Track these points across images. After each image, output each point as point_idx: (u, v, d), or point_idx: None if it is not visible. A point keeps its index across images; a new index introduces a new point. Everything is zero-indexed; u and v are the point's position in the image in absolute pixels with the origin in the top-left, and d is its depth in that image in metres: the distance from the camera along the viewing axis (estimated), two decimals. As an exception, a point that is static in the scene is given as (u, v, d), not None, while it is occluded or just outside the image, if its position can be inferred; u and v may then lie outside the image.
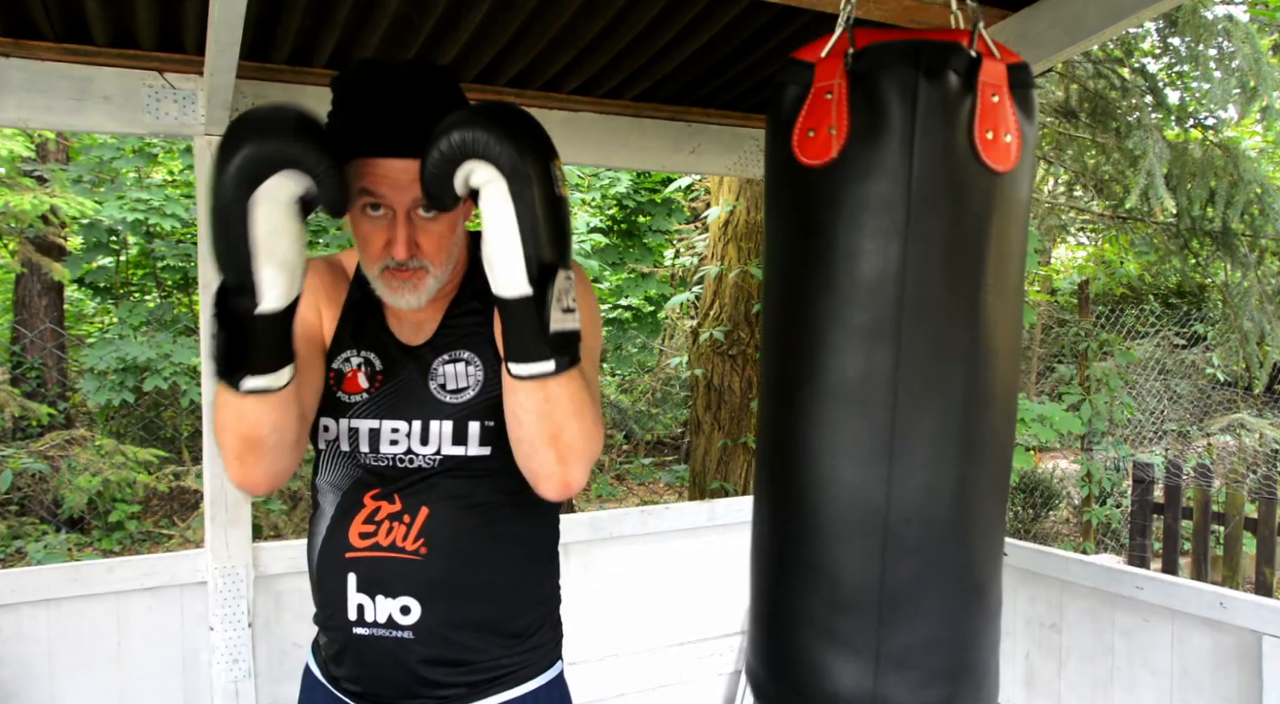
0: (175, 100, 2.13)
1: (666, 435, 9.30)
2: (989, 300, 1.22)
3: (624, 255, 7.83)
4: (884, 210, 1.18)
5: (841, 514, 1.21)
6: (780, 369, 1.28)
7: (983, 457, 1.24)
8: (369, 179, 1.11)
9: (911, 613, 1.21)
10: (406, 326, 1.26)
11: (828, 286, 1.21)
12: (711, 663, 2.94)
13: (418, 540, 1.18)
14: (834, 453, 1.21)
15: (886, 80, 1.17)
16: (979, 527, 1.25)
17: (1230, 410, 8.56)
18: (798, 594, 1.25)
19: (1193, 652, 2.10)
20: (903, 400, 1.18)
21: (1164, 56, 5.13)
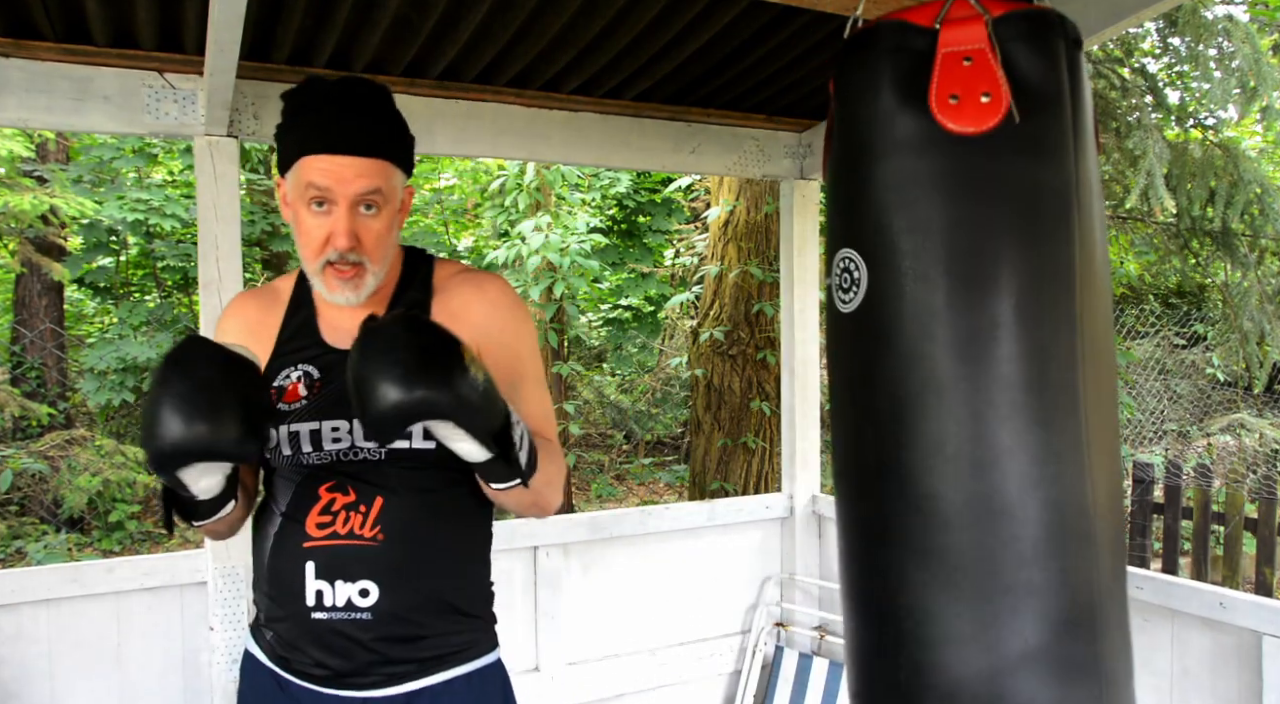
0: (175, 100, 2.13)
1: (666, 435, 9.30)
2: (1106, 281, 1.16)
3: (624, 255, 7.83)
4: (1059, 184, 1.07)
5: (1045, 522, 1.07)
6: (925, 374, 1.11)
7: (1115, 445, 1.16)
8: (317, 174, 1.22)
9: (1113, 621, 1.11)
10: (343, 333, 1.32)
11: (1003, 268, 1.07)
12: (711, 663, 2.94)
13: (374, 527, 1.25)
14: (1026, 452, 1.08)
15: (1040, 49, 1.08)
16: (1118, 523, 1.16)
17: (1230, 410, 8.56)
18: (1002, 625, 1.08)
19: (1193, 652, 2.09)
20: (1086, 390, 1.07)
21: (1164, 56, 5.13)
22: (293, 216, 1.28)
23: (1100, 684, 1.07)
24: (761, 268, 5.30)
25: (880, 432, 1.15)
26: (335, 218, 1.23)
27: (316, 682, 1.29)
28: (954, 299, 1.08)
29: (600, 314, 9.48)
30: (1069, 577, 1.07)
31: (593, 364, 10.01)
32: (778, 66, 2.47)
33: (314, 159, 1.23)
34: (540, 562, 2.67)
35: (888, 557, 1.14)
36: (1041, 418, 1.07)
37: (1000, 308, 1.07)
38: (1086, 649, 1.07)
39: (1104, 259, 1.14)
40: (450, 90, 2.42)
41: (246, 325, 1.38)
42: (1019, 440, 1.07)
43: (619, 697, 2.80)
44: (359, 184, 1.23)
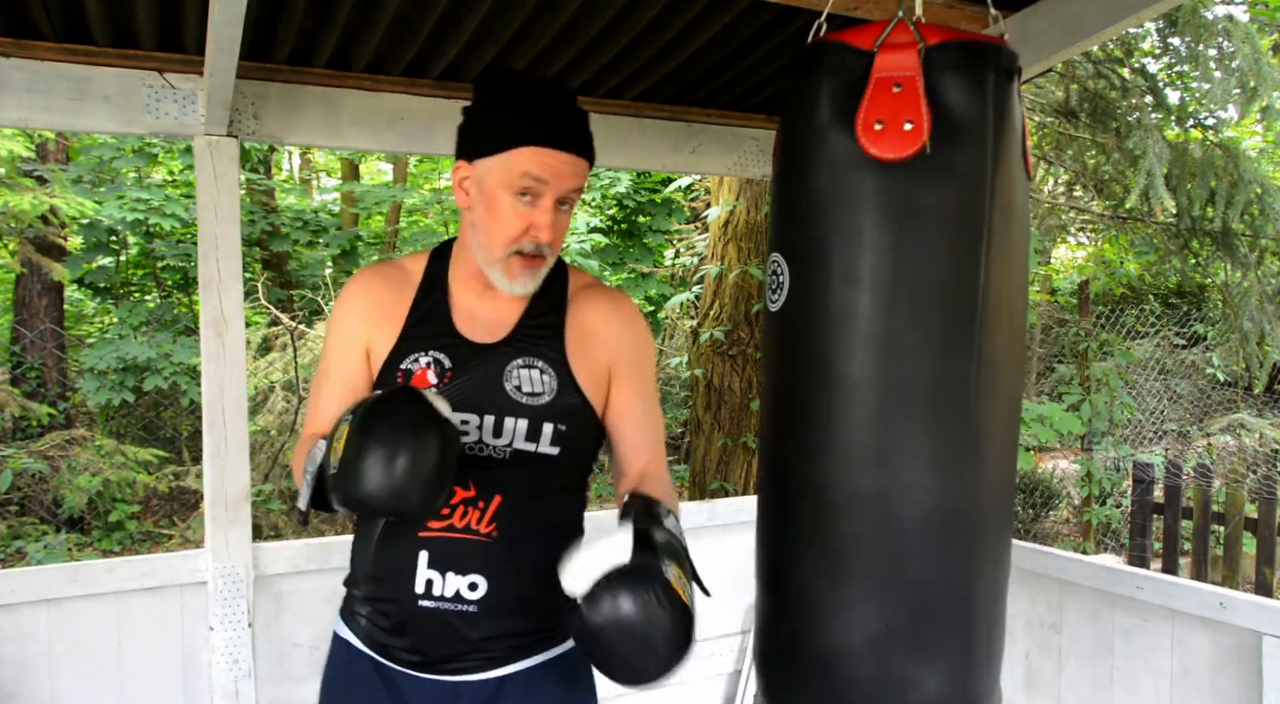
0: (175, 100, 2.13)
1: (667, 435, 9.30)
2: (1023, 304, 1.24)
3: (624, 255, 7.84)
4: (971, 212, 1.14)
5: (906, 519, 1.18)
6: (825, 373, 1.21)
7: (1010, 455, 1.26)
8: (537, 166, 1.26)
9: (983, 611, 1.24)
10: (479, 326, 1.36)
11: (907, 286, 1.15)
12: (711, 663, 2.94)
13: (490, 524, 1.30)
14: (902, 456, 1.18)
15: (968, 80, 1.13)
16: (1008, 522, 1.28)
17: (1230, 410, 8.56)
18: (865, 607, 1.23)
19: (1193, 652, 2.09)
20: (969, 403, 1.16)
21: (1164, 56, 5.13)
22: (481, 200, 1.30)
23: (960, 663, 1.19)
24: (761, 268, 5.30)
25: (785, 423, 1.28)
26: (541, 210, 1.28)
27: (412, 666, 1.34)
28: (858, 309, 1.18)
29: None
30: (940, 570, 1.18)
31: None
32: (778, 66, 2.48)
33: (537, 151, 1.26)
34: (540, 562, 2.67)
35: (784, 537, 1.29)
36: (928, 424, 1.17)
37: (900, 321, 1.16)
38: (951, 636, 1.19)
39: (1019, 283, 1.21)
40: (450, 90, 2.42)
41: (374, 301, 1.38)
42: (904, 443, 1.17)
43: (619, 697, 2.79)
44: (572, 182, 1.29)
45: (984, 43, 1.17)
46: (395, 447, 1.06)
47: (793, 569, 1.28)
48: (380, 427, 1.08)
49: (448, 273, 1.40)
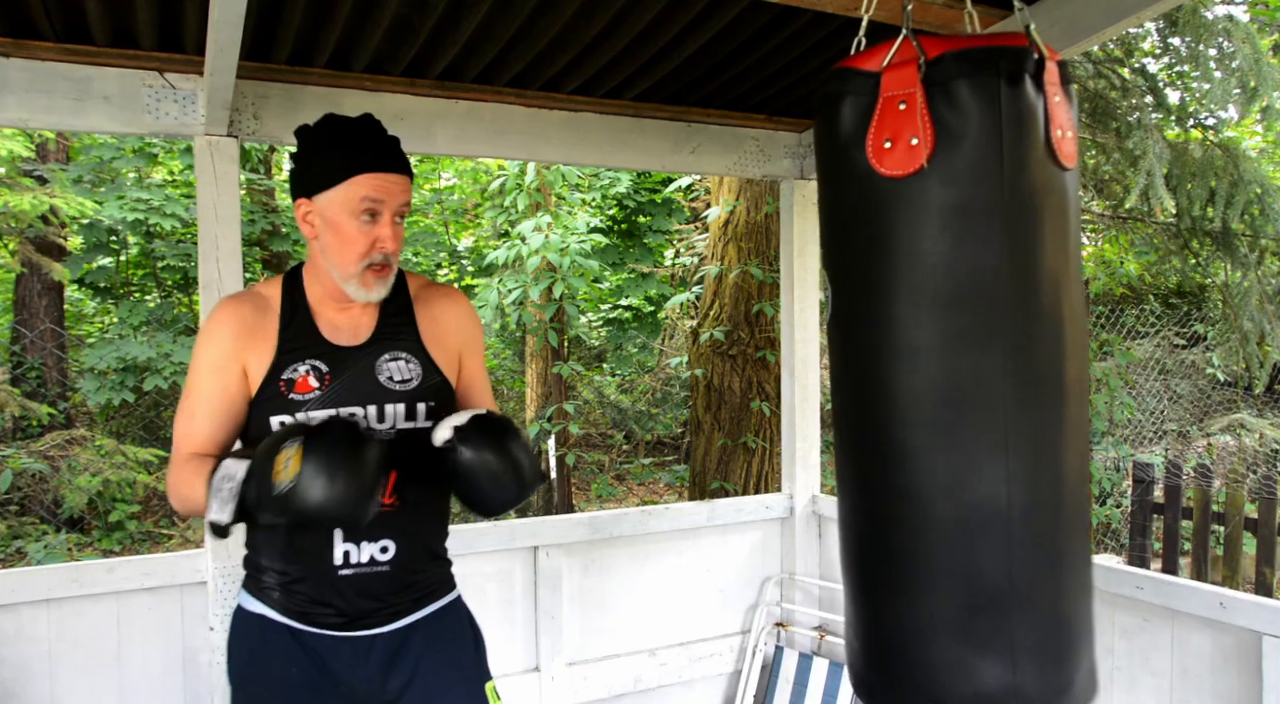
0: (175, 100, 2.13)
1: (666, 435, 9.30)
2: (1071, 293, 1.25)
3: (624, 255, 7.83)
4: (983, 215, 1.18)
5: (965, 515, 1.23)
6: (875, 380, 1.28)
7: (1077, 446, 1.28)
8: (371, 189, 1.46)
9: (1038, 603, 1.25)
10: (344, 333, 1.56)
11: (928, 294, 1.21)
12: (711, 663, 2.94)
13: (392, 496, 1.51)
14: (950, 456, 1.23)
15: (969, 88, 1.18)
16: (1077, 515, 1.29)
17: (1230, 410, 8.56)
18: (921, 600, 1.27)
19: (1193, 652, 2.10)
20: (1011, 399, 1.20)
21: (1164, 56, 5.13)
22: (327, 229, 1.49)
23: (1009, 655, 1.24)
24: (761, 268, 5.30)
25: (841, 434, 1.37)
26: (382, 225, 1.48)
27: (331, 627, 1.53)
28: (886, 318, 1.25)
29: (600, 314, 9.48)
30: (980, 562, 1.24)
31: (593, 364, 10.01)
32: (778, 66, 2.48)
33: (368, 176, 1.46)
34: (540, 562, 2.67)
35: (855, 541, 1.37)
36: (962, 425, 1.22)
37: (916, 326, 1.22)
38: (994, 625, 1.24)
39: (1055, 270, 1.24)
40: (450, 90, 2.42)
41: (245, 326, 1.53)
42: (940, 445, 1.23)
43: (619, 697, 2.80)
44: (402, 197, 1.50)
45: (984, 48, 1.20)
46: (349, 466, 1.26)
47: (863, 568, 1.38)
48: (334, 450, 1.27)
49: (305, 294, 1.57)
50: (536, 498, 7.33)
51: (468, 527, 2.60)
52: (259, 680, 1.55)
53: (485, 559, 2.61)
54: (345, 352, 1.53)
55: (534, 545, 2.66)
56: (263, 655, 1.55)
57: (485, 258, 7.35)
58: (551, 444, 6.89)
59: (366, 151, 1.48)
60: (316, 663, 1.53)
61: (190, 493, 1.41)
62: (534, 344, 7.21)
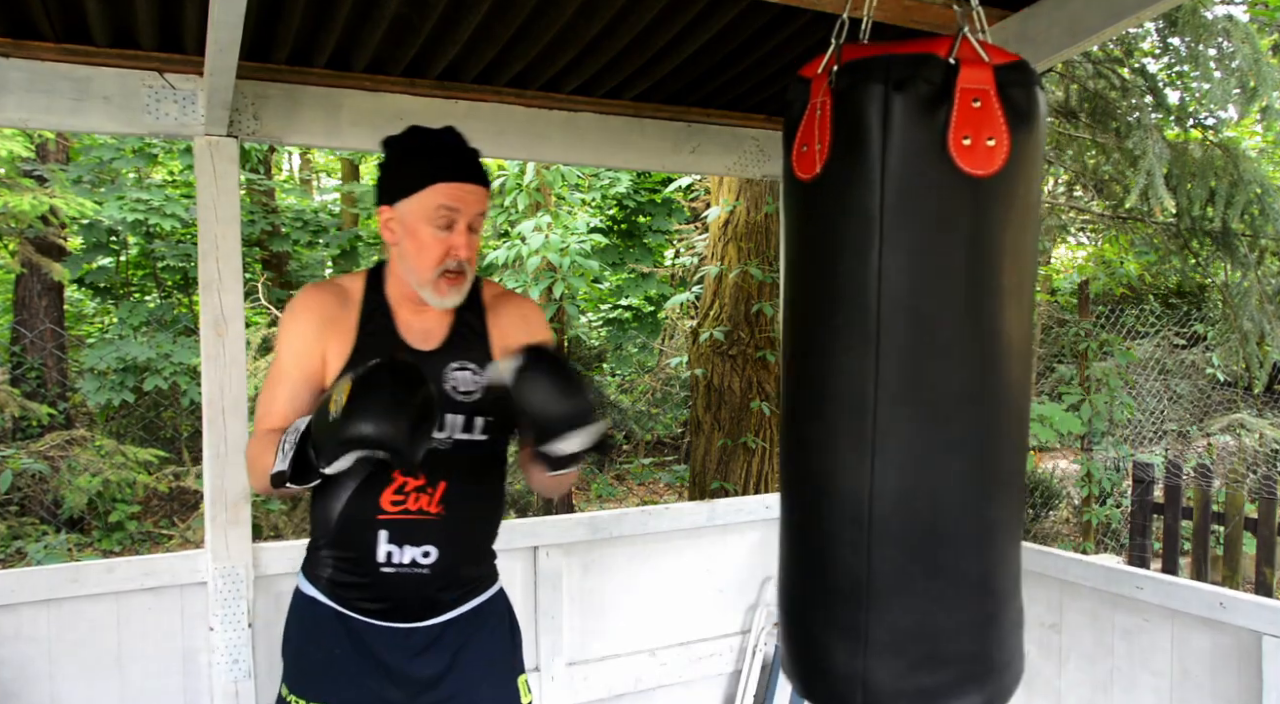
0: (175, 100, 2.13)
1: (666, 435, 9.30)
2: (978, 301, 1.24)
3: (624, 255, 7.83)
4: (860, 219, 1.23)
5: (834, 507, 1.29)
6: (789, 371, 1.36)
7: (969, 454, 1.27)
8: (448, 198, 1.52)
9: (897, 601, 1.28)
10: (416, 335, 1.61)
11: (818, 293, 1.29)
12: (711, 663, 2.94)
13: (439, 505, 1.57)
14: (826, 450, 1.30)
15: (861, 96, 1.22)
16: (966, 522, 1.29)
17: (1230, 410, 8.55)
18: (804, 580, 1.36)
19: (1193, 652, 2.10)
20: (882, 401, 1.24)
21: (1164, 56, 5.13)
22: (405, 235, 1.54)
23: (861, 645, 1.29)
24: (761, 268, 5.30)
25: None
26: (457, 234, 1.53)
27: (373, 616, 1.60)
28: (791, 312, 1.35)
29: (600, 314, 9.47)
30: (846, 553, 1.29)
31: (593, 364, 10.01)
32: (778, 66, 2.48)
33: (446, 185, 1.52)
34: (540, 562, 2.67)
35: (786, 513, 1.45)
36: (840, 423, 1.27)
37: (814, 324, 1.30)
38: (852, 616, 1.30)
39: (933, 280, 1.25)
40: (450, 90, 2.42)
41: (325, 316, 1.60)
42: (819, 440, 1.31)
43: (619, 697, 2.80)
44: (477, 207, 1.55)
45: (875, 56, 1.23)
46: (395, 396, 1.28)
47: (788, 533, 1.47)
48: (384, 377, 1.29)
49: (385, 293, 1.62)
50: (536, 498, 7.34)
51: (468, 527, 2.59)
52: (306, 655, 1.64)
53: (485, 559, 2.61)
54: (417, 354, 1.58)
55: (534, 545, 2.66)
56: (313, 634, 1.63)
57: (485, 258, 7.35)
58: (551, 444, 6.87)
59: (444, 161, 1.54)
60: (359, 646, 1.60)
61: (259, 461, 1.48)
62: (534, 344, 7.18)
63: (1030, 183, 1.28)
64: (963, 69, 1.21)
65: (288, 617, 1.69)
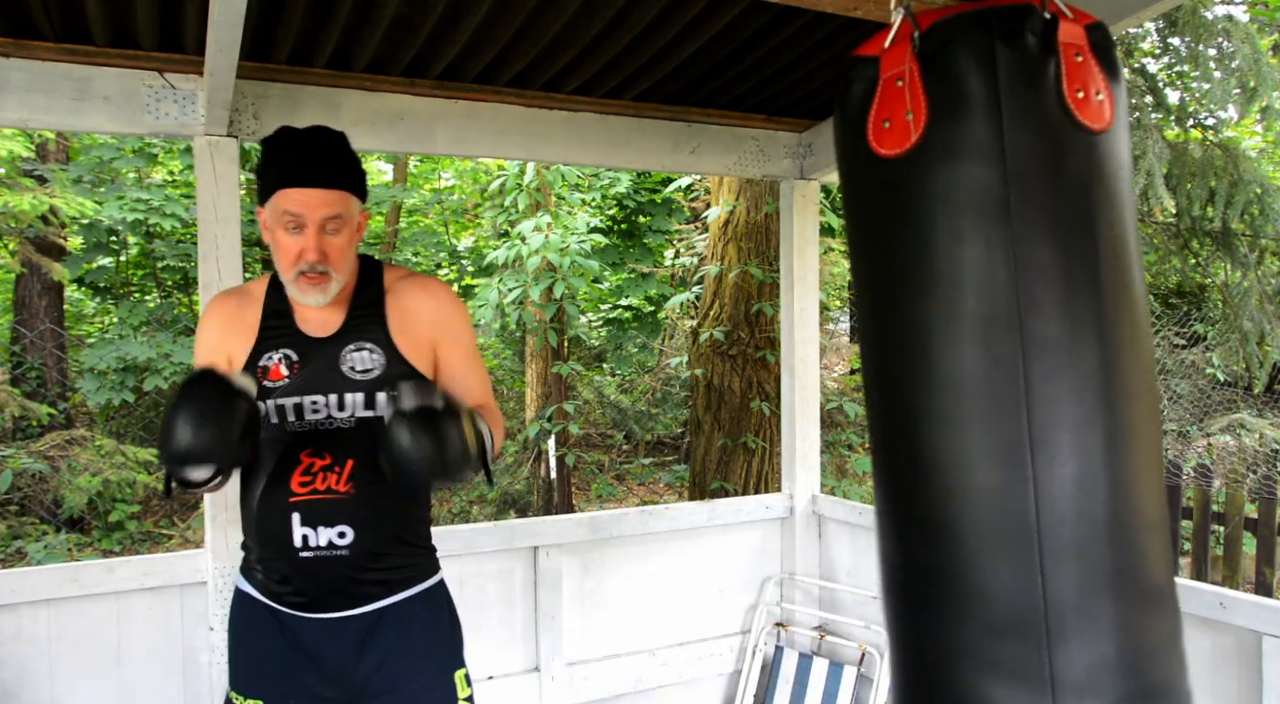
0: (175, 100, 2.13)
1: (666, 435, 9.30)
2: (1108, 271, 1.12)
3: (624, 255, 7.84)
4: (981, 189, 1.10)
5: (983, 525, 1.10)
6: (887, 373, 1.18)
7: (1131, 442, 1.12)
8: (291, 203, 1.54)
9: (1083, 627, 1.09)
10: (313, 325, 1.64)
11: (932, 278, 1.12)
12: (711, 663, 2.94)
13: (348, 483, 1.58)
14: (963, 457, 1.11)
15: (961, 54, 1.11)
16: (1142, 519, 1.13)
17: (1230, 410, 8.56)
18: (948, 624, 1.13)
19: (1193, 652, 2.09)
20: (1035, 390, 1.08)
21: (1164, 56, 5.13)
22: (271, 238, 1.60)
23: (1049, 689, 1.08)
24: (761, 268, 5.30)
25: (873, 437, 1.26)
26: (306, 237, 1.55)
27: (301, 608, 1.61)
28: (897, 311, 1.16)
29: (600, 314, 9.48)
30: (1005, 581, 1.09)
31: (593, 364, 10.01)
32: (778, 66, 2.48)
33: (289, 191, 1.54)
34: (540, 562, 2.67)
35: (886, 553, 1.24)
36: (981, 424, 1.09)
37: (938, 316, 1.12)
38: (1027, 653, 1.08)
39: (1085, 249, 1.12)
40: (450, 90, 2.42)
41: (229, 317, 1.67)
42: (958, 446, 1.11)
43: (619, 697, 2.80)
44: (323, 210, 1.55)
45: (975, 11, 1.13)
46: (194, 411, 1.35)
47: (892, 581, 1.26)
48: (183, 399, 1.37)
49: (284, 290, 1.66)
50: (536, 498, 7.34)
51: (467, 527, 2.60)
52: (244, 652, 1.67)
53: (486, 559, 2.61)
54: (315, 342, 1.63)
55: (534, 545, 2.66)
56: (248, 630, 1.66)
57: (485, 258, 7.35)
58: (551, 444, 6.89)
59: (285, 167, 1.56)
60: (291, 641, 1.62)
61: None
62: (534, 344, 7.21)
63: (1130, 144, 1.21)
64: (1060, 23, 1.13)
65: (229, 617, 1.72)
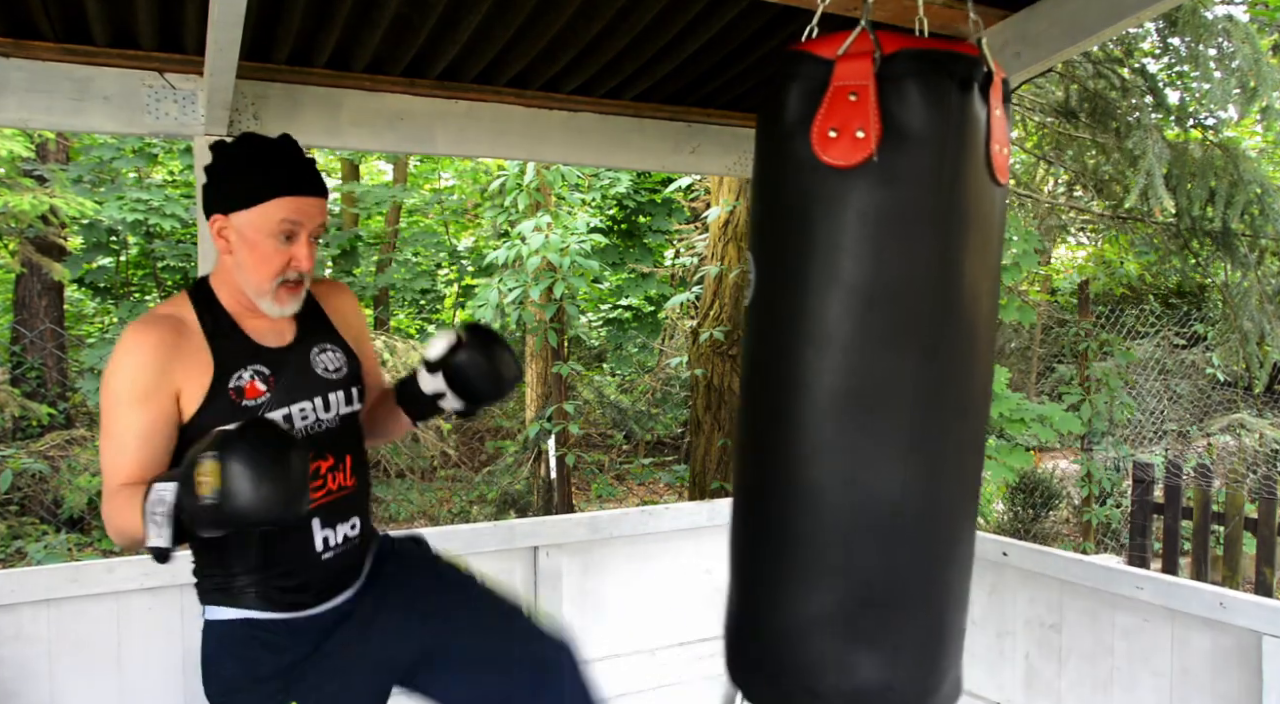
0: (175, 100, 2.13)
1: (666, 435, 9.30)
2: (985, 308, 1.26)
3: (624, 255, 7.84)
4: (915, 218, 1.18)
5: (861, 513, 1.23)
6: (785, 370, 1.27)
7: (976, 451, 1.31)
8: (291, 212, 1.51)
9: (922, 606, 1.26)
10: (268, 336, 1.60)
11: (851, 288, 1.20)
12: (711, 663, 2.94)
13: (352, 478, 1.63)
14: (854, 453, 1.23)
15: (921, 88, 1.17)
16: (970, 519, 1.31)
17: (1230, 410, 8.56)
18: (815, 594, 1.27)
19: (1193, 652, 2.10)
20: (923, 402, 1.21)
21: (1164, 56, 5.13)
22: (243, 246, 1.53)
23: (893, 650, 1.25)
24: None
25: (744, 418, 1.37)
26: (299, 245, 1.53)
27: (312, 607, 1.59)
28: (806, 308, 1.24)
29: (600, 314, 9.48)
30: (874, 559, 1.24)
31: (593, 364, 10.01)
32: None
33: (288, 199, 1.50)
34: (540, 562, 2.67)
35: (750, 529, 1.36)
36: (872, 421, 1.22)
37: (843, 320, 1.21)
38: (884, 621, 1.24)
39: (975, 286, 1.24)
40: (450, 90, 2.42)
41: (168, 350, 1.49)
42: (843, 442, 1.23)
43: (619, 697, 2.79)
44: (319, 218, 1.55)
45: (940, 51, 1.19)
46: (272, 469, 1.26)
47: (750, 557, 1.36)
48: (252, 454, 1.25)
49: (222, 306, 1.58)
50: (536, 498, 7.34)
51: (467, 527, 2.60)
52: (258, 677, 1.54)
53: (485, 559, 2.60)
54: (279, 352, 1.59)
55: (534, 545, 2.66)
56: (254, 651, 1.55)
57: (485, 258, 7.35)
58: (551, 444, 6.89)
59: (286, 174, 1.52)
60: (308, 641, 1.59)
61: (127, 524, 1.37)
62: (534, 344, 7.21)
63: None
64: (994, 77, 1.21)
65: (211, 656, 1.56)
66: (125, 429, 1.45)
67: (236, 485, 1.23)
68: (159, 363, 1.46)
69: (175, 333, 1.51)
